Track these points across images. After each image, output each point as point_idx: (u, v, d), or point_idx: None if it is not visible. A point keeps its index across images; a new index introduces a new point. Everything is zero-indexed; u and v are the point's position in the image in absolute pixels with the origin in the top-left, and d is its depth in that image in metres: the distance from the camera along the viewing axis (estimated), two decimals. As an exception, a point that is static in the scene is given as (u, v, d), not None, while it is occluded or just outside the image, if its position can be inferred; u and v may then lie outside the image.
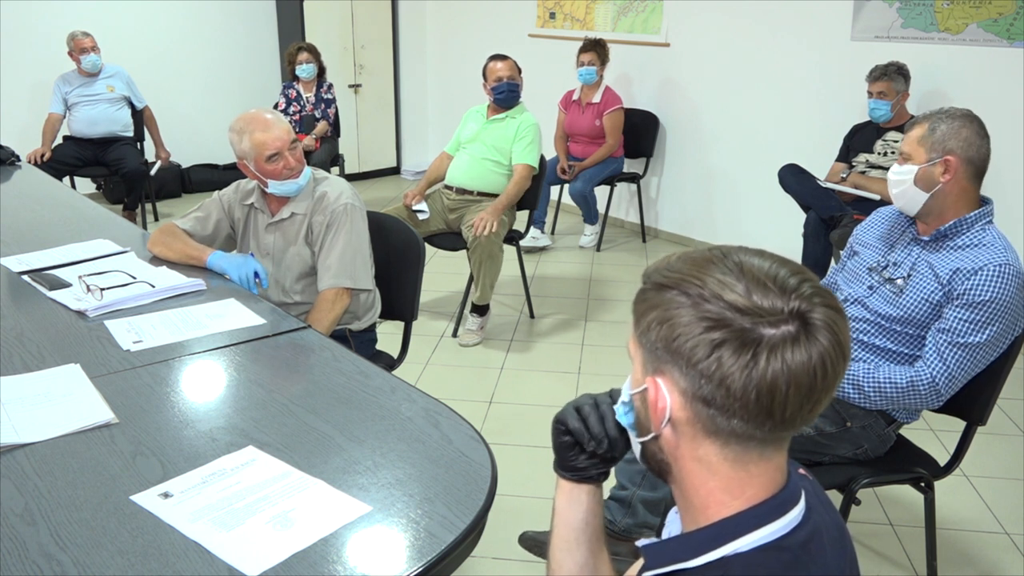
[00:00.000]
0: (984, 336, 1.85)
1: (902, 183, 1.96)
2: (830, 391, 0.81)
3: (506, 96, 3.91)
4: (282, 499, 1.31)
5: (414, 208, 3.90)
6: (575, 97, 5.17)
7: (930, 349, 1.91)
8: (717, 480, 0.85)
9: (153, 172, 5.49)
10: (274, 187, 2.37)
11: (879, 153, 3.95)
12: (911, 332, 1.98)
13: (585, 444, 1.07)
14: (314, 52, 5.45)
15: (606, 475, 1.12)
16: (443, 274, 4.62)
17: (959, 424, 2.07)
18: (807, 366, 0.78)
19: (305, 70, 5.38)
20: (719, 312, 0.79)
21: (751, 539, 0.83)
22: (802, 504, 0.86)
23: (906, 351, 2.00)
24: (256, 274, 2.31)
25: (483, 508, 1.31)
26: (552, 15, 5.90)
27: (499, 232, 3.70)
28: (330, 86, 5.55)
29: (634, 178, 5.37)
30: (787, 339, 0.78)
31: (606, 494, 2.21)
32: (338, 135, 5.71)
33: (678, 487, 0.90)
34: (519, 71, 3.99)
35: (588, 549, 1.11)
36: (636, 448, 0.95)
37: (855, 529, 2.51)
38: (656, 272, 0.86)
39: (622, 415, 0.96)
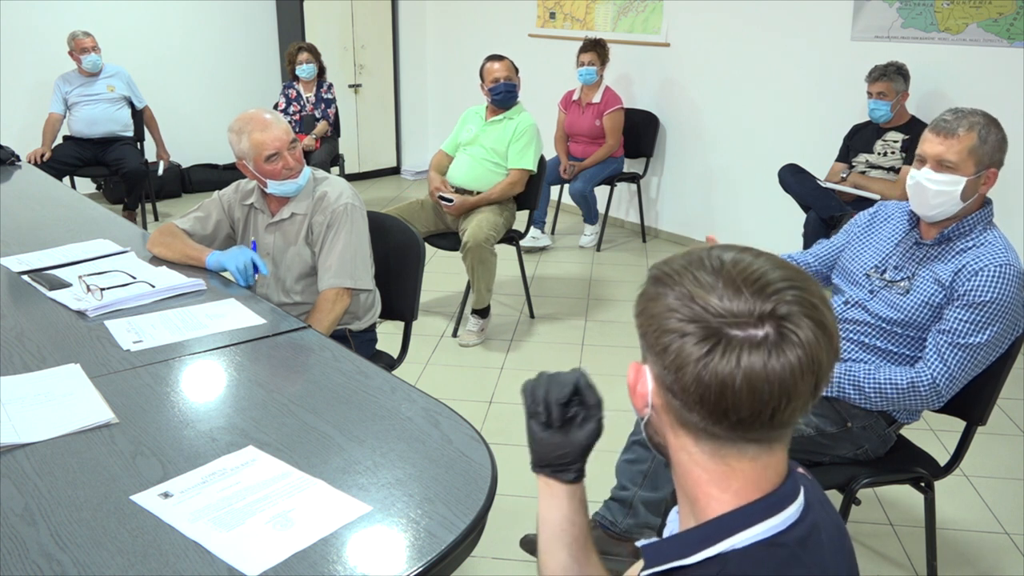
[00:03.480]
0: (985, 337, 1.85)
1: (946, 194, 1.87)
2: (792, 402, 0.80)
3: (504, 97, 3.91)
4: (282, 499, 1.31)
5: (442, 195, 3.88)
6: (575, 97, 5.17)
7: (931, 350, 1.91)
8: (701, 470, 0.86)
9: (160, 172, 5.50)
10: (273, 187, 2.37)
11: (879, 153, 3.95)
12: (912, 334, 1.98)
13: (527, 406, 1.10)
14: (314, 52, 5.45)
15: (579, 476, 1.12)
16: (443, 274, 4.62)
17: (959, 424, 2.07)
18: (763, 371, 0.78)
19: (305, 70, 5.39)
20: (691, 308, 0.81)
21: (748, 535, 0.83)
22: (800, 501, 0.87)
23: (907, 352, 1.99)
24: (254, 264, 2.31)
25: (483, 508, 1.31)
26: (552, 15, 5.90)
27: (489, 238, 3.70)
28: (330, 86, 5.55)
29: (634, 178, 5.37)
30: (749, 342, 0.78)
31: (607, 495, 2.21)
32: (338, 135, 5.71)
33: (674, 472, 0.92)
34: (516, 71, 3.99)
35: (568, 553, 1.11)
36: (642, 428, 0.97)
37: (855, 529, 2.51)
38: (656, 266, 0.89)
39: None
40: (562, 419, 1.08)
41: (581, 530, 1.12)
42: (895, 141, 3.90)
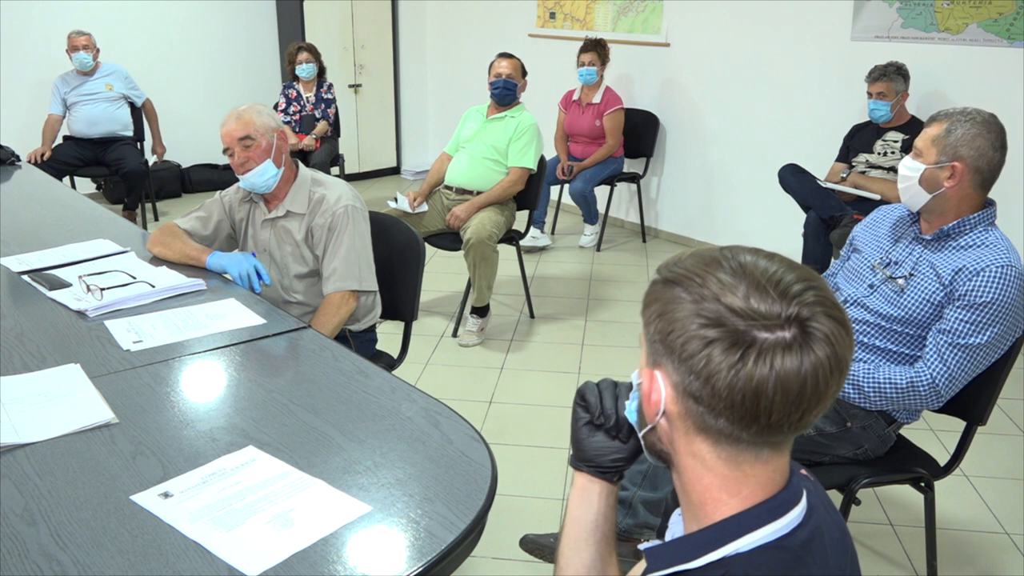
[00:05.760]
0: (985, 337, 1.85)
1: (909, 179, 1.96)
2: (822, 402, 0.81)
3: (500, 92, 3.92)
4: (282, 499, 1.31)
5: (415, 211, 3.89)
6: (575, 97, 5.17)
7: (931, 350, 1.91)
8: (712, 476, 0.85)
9: (150, 163, 5.47)
10: (241, 181, 2.39)
11: (879, 153, 3.95)
12: (911, 332, 1.98)
13: (595, 416, 1.09)
14: (314, 52, 5.45)
15: (620, 475, 1.13)
16: (443, 274, 4.62)
17: (959, 424, 2.07)
18: (797, 374, 0.78)
19: (305, 70, 5.38)
20: (716, 311, 0.80)
21: (752, 539, 0.83)
22: (803, 504, 0.86)
23: (907, 351, 1.99)
24: (257, 271, 2.31)
25: (483, 508, 1.31)
26: (552, 15, 5.90)
27: (492, 235, 3.70)
28: (330, 86, 5.55)
29: (634, 178, 5.37)
30: (780, 345, 0.78)
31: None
32: (338, 135, 5.71)
33: (678, 479, 0.91)
34: (524, 72, 4.00)
35: (596, 550, 1.11)
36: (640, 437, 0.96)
37: (855, 529, 2.51)
38: (666, 267, 0.87)
39: (630, 406, 0.97)
40: (623, 427, 1.09)
41: (611, 527, 1.13)
42: (895, 141, 3.90)
